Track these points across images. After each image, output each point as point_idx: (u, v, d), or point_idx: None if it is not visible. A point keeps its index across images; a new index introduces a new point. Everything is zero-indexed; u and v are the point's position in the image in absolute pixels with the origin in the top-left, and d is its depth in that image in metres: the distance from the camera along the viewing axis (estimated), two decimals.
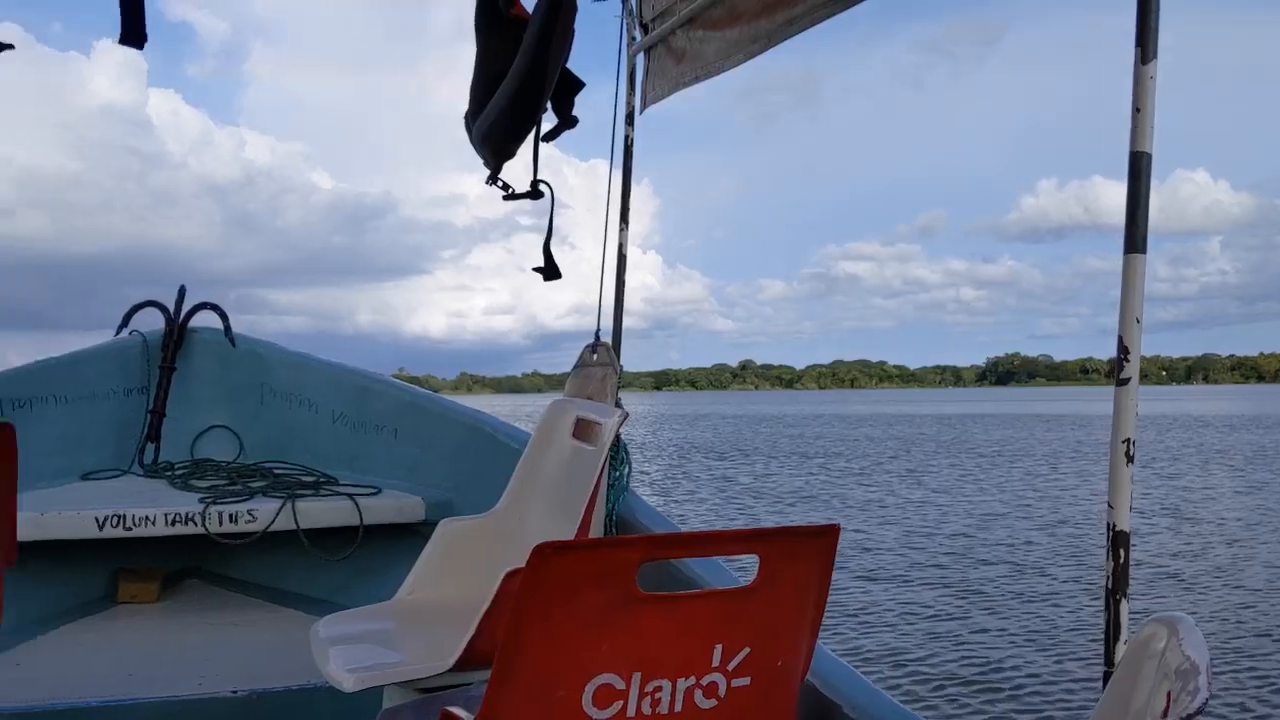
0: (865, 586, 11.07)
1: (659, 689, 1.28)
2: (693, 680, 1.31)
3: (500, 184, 3.16)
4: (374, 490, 3.99)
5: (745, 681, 1.35)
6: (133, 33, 2.57)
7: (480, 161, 3.18)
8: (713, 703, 1.33)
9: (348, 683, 2.09)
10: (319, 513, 3.81)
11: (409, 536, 3.88)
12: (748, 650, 1.34)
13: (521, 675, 1.23)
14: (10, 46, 2.47)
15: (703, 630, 1.31)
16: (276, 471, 4.32)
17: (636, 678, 1.26)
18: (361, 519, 3.81)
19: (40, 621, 3.60)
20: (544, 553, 1.18)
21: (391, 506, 3.91)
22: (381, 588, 3.34)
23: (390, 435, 4.43)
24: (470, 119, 3.19)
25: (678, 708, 1.30)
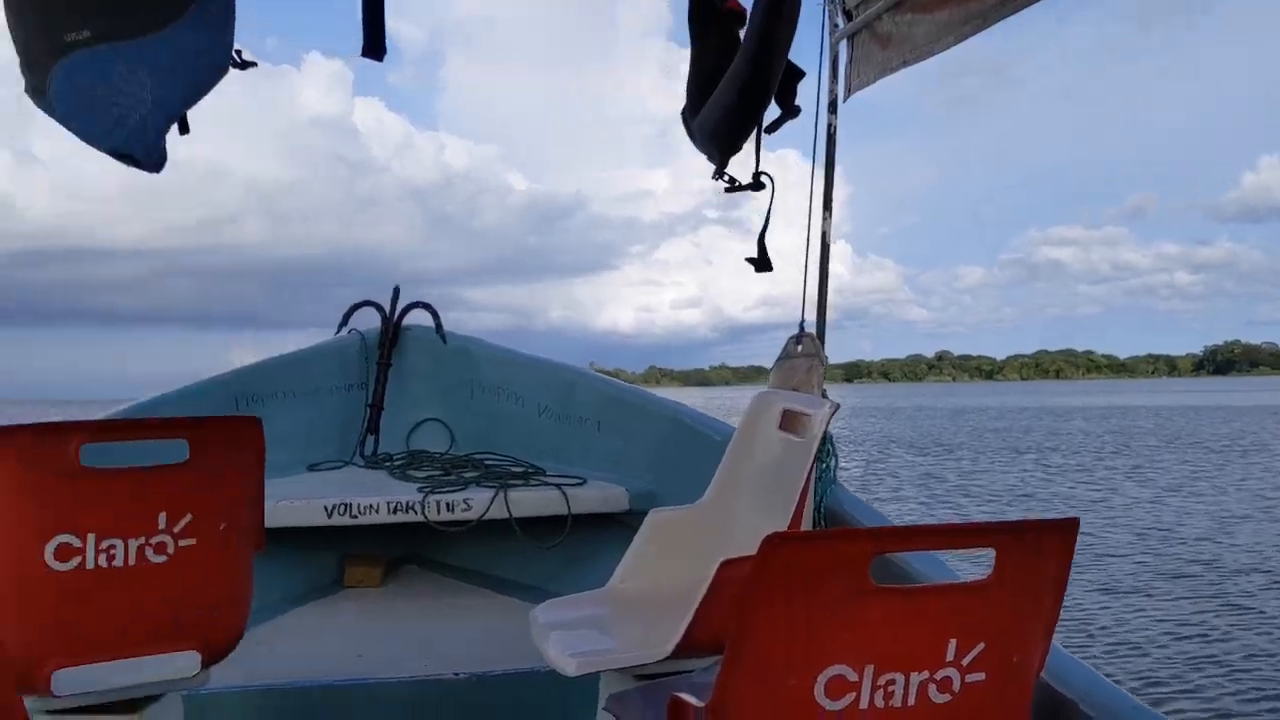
0: (1102, 599, 10.02)
1: (892, 682, 1.26)
2: (926, 675, 1.28)
3: (726, 178, 3.19)
4: (580, 481, 4.08)
5: (980, 677, 1.32)
6: (373, 46, 2.76)
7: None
8: (946, 697, 1.30)
9: (570, 667, 2.14)
10: (529, 502, 3.93)
11: (613, 526, 3.96)
12: (982, 645, 1.31)
13: (752, 664, 1.24)
14: (254, 64, 2.67)
15: (937, 624, 1.29)
16: (487, 462, 4.48)
17: (869, 670, 1.25)
18: (569, 508, 3.91)
19: (277, 604, 3.85)
20: (774, 543, 1.18)
21: (597, 496, 3.99)
22: (588, 575, 3.41)
23: (594, 427, 4.53)
24: (689, 114, 3.22)
25: (911, 701, 1.28)
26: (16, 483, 1.89)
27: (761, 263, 3.20)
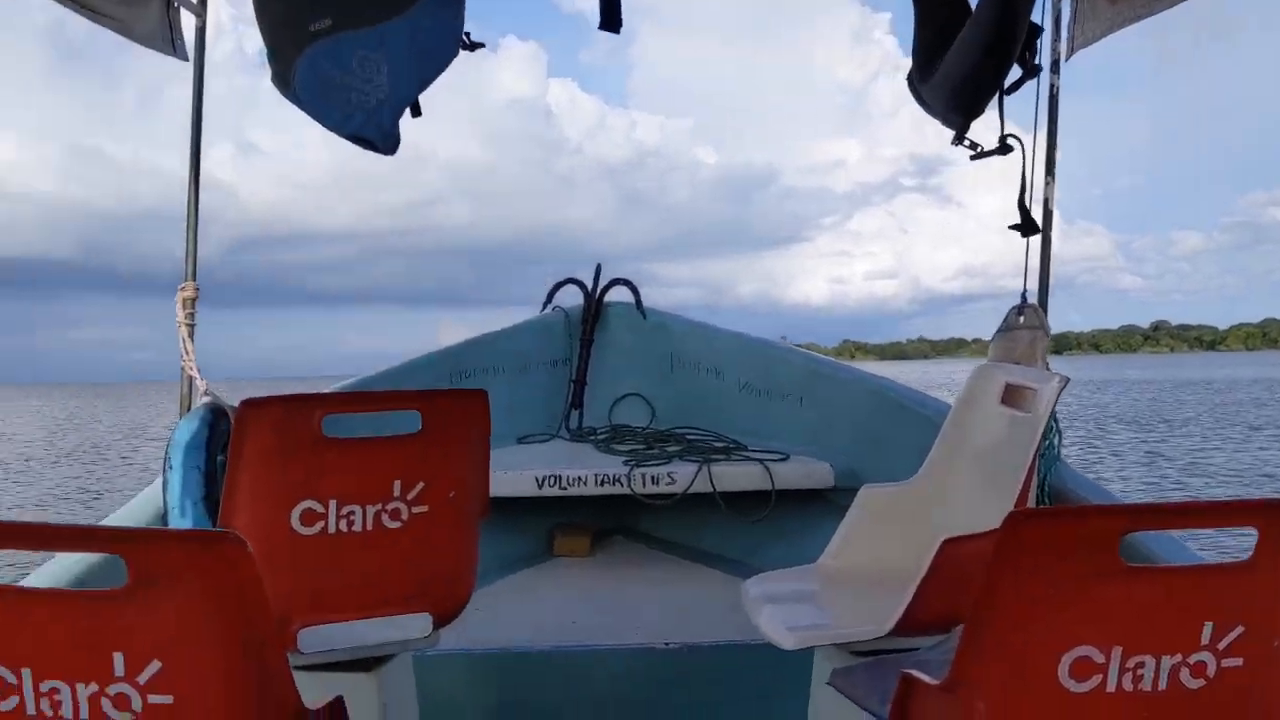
0: None
1: (1141, 665, 1.21)
2: (1179, 658, 1.22)
3: (968, 143, 3.10)
4: (782, 456, 4.07)
5: (1237, 662, 1.24)
6: (610, 20, 2.82)
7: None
8: (1200, 682, 1.23)
9: (788, 641, 2.14)
10: (732, 477, 3.95)
11: (816, 502, 3.93)
12: (1241, 629, 1.23)
13: (993, 643, 1.21)
14: (481, 45, 2.77)
15: (1192, 606, 1.22)
16: (689, 437, 4.53)
17: (1117, 652, 1.20)
18: (773, 483, 3.91)
19: (493, 571, 4.00)
20: (1018, 519, 1.16)
21: (800, 472, 3.97)
22: (793, 550, 3.40)
23: (795, 402, 4.50)
24: (918, 79, 3.13)
25: (1162, 686, 1.22)
26: (268, 451, 2.02)
27: (1027, 226, 3.10)
